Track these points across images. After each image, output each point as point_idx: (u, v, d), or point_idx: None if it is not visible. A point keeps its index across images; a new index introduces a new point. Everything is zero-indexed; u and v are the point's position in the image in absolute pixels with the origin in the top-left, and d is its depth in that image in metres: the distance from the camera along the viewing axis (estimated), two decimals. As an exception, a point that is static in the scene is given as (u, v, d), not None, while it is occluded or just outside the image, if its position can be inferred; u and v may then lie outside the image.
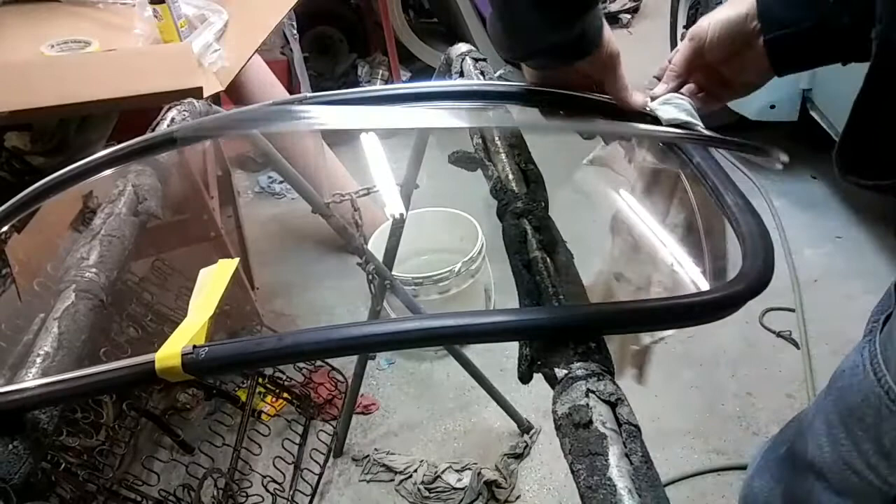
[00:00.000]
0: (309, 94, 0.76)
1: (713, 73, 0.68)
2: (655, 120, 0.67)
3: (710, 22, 0.66)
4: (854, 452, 0.66)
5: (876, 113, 0.53)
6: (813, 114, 2.32)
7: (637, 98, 0.68)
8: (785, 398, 1.85)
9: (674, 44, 3.07)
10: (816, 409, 0.76)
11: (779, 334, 2.03)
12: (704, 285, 0.57)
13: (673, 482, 1.68)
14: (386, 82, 3.48)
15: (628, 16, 4.44)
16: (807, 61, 0.65)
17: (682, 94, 0.68)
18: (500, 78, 0.84)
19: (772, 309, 2.08)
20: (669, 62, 0.71)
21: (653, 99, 0.67)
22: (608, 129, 0.69)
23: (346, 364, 2.02)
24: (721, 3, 2.52)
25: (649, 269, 0.65)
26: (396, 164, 1.34)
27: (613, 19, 4.41)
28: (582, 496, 0.39)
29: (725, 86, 0.69)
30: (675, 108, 0.66)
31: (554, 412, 0.44)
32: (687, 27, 2.96)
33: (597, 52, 0.64)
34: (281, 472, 1.71)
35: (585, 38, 0.62)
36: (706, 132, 0.64)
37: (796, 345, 1.98)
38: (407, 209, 1.37)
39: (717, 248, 0.62)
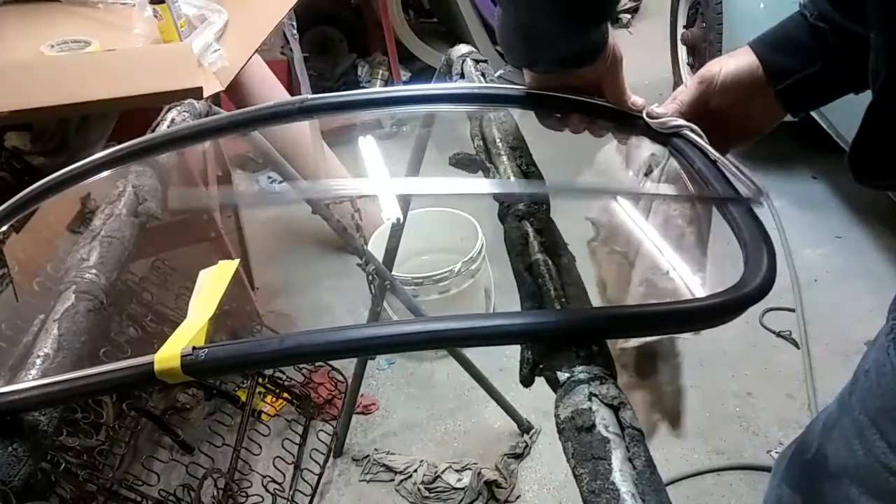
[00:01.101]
0: (310, 96, 0.76)
1: (716, 120, 0.68)
2: (649, 128, 0.67)
3: (721, 68, 0.66)
4: (891, 455, 0.65)
5: (888, 121, 0.53)
6: (813, 114, 2.32)
7: (636, 100, 0.68)
8: (785, 398, 1.85)
9: (674, 44, 3.05)
10: (841, 411, 0.75)
11: (779, 334, 2.03)
12: (700, 291, 0.57)
13: (673, 482, 1.68)
14: (386, 82, 3.48)
15: (628, 16, 4.44)
16: (819, 100, 0.66)
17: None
18: (499, 78, 0.84)
19: (772, 309, 2.08)
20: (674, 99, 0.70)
21: (649, 116, 0.67)
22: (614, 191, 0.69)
23: (346, 364, 2.02)
24: (721, 3, 2.50)
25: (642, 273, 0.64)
26: (397, 165, 1.34)
27: (614, 20, 4.40)
28: (585, 501, 0.38)
29: (728, 132, 0.69)
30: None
31: (556, 416, 0.44)
32: (687, 27, 2.96)
33: (601, 59, 0.63)
34: (281, 472, 1.71)
35: (594, 45, 0.62)
36: (700, 140, 0.64)
37: (796, 345, 1.98)
38: (407, 210, 1.37)
39: (712, 253, 0.62)
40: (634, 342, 0.58)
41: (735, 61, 0.66)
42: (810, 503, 0.81)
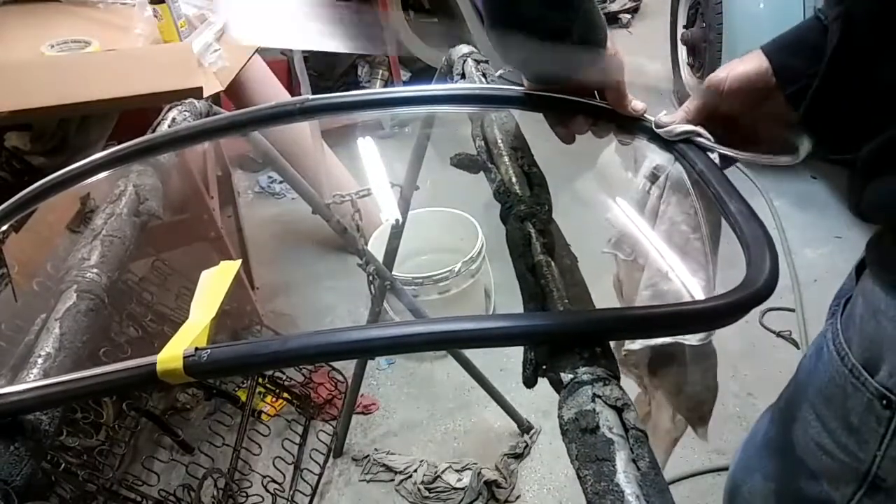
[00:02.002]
0: (311, 96, 0.76)
1: (728, 126, 0.67)
2: (653, 132, 0.66)
3: (729, 73, 0.66)
4: (824, 433, 0.67)
5: (838, 90, 0.54)
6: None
7: (637, 105, 0.68)
8: (785, 399, 1.85)
9: (674, 44, 3.05)
10: (787, 395, 0.78)
11: (779, 334, 2.03)
12: (702, 294, 0.57)
13: (673, 482, 1.68)
14: (386, 82, 3.47)
15: (628, 16, 4.44)
16: None
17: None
18: (499, 77, 0.84)
19: (772, 309, 2.08)
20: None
21: (657, 126, 0.66)
22: None
23: (346, 364, 2.02)
24: (721, 3, 2.49)
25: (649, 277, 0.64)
26: (397, 166, 1.33)
27: (613, 19, 4.40)
28: (589, 502, 0.38)
29: (742, 138, 0.68)
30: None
31: (560, 417, 0.44)
32: (687, 27, 2.96)
33: (601, 60, 0.63)
34: (281, 472, 1.71)
35: (589, 44, 0.62)
36: (715, 145, 0.63)
37: (796, 345, 1.98)
38: (407, 210, 1.36)
39: (713, 256, 0.62)
40: (641, 343, 0.58)
41: (744, 65, 0.65)
42: (775, 486, 0.82)
